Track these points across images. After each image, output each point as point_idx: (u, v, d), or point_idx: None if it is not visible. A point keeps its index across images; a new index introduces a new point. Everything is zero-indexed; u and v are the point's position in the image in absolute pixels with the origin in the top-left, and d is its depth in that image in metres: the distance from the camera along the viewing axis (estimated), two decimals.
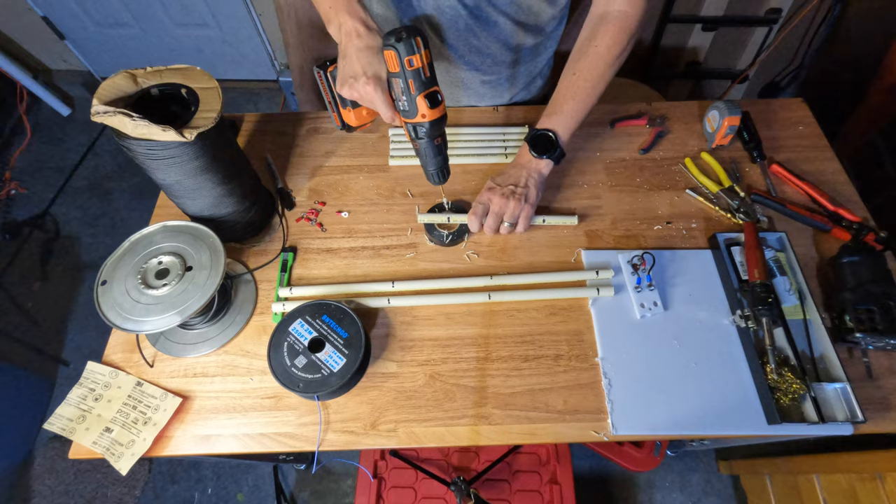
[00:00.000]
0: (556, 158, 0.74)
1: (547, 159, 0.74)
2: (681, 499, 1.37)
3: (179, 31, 2.05)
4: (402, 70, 0.56)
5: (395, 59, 0.56)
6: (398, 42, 0.54)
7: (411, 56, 0.55)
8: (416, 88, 0.58)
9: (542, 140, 0.74)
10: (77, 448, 0.62)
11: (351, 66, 0.60)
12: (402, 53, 0.55)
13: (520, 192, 0.72)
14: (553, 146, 0.73)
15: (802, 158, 0.85)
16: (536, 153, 0.74)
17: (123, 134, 0.58)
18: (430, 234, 0.78)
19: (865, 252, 0.70)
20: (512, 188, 0.73)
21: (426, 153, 0.65)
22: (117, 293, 0.62)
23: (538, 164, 0.74)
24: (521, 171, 0.74)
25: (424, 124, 0.61)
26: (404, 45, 0.55)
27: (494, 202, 0.73)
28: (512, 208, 0.72)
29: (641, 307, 0.70)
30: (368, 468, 1.13)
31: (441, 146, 0.65)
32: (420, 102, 0.59)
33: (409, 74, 0.57)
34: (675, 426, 0.63)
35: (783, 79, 1.81)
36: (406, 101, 0.59)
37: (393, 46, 0.55)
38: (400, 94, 0.59)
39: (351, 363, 0.63)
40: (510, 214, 0.72)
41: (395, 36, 0.55)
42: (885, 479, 0.83)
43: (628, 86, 1.59)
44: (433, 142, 0.64)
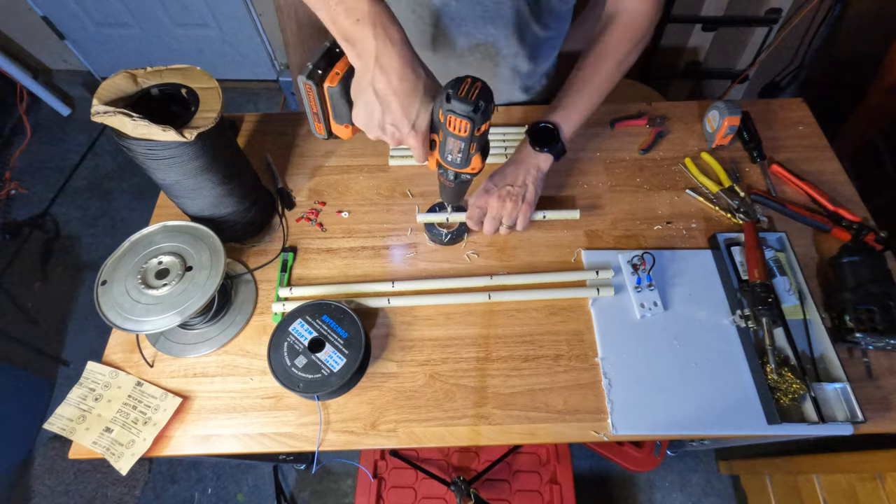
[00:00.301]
0: (556, 153, 0.72)
1: (547, 153, 0.72)
2: (681, 499, 1.37)
3: (179, 31, 2.05)
4: (469, 136, 0.51)
5: (466, 126, 0.50)
6: (475, 113, 0.48)
7: (485, 124, 0.51)
8: (477, 149, 0.54)
9: (543, 133, 0.72)
10: (77, 448, 0.62)
11: (390, 112, 0.51)
12: (478, 123, 0.50)
13: (516, 191, 0.71)
14: (553, 139, 0.71)
15: (802, 158, 0.85)
16: (537, 146, 0.72)
17: (123, 134, 0.58)
18: (429, 234, 0.78)
19: (865, 252, 0.70)
20: (509, 189, 0.71)
21: (454, 192, 0.64)
22: (117, 293, 0.62)
23: (537, 158, 0.72)
24: (519, 168, 0.72)
25: (471, 174, 0.58)
26: (481, 116, 0.49)
27: (491, 205, 0.71)
28: (509, 210, 0.71)
29: (641, 307, 0.70)
30: (368, 468, 1.13)
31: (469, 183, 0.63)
32: (475, 159, 0.56)
33: (476, 139, 0.52)
34: (675, 426, 0.63)
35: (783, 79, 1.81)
36: (460, 157, 0.55)
37: (468, 118, 0.49)
38: (455, 152, 0.54)
39: (351, 363, 0.63)
40: (508, 216, 0.71)
41: (471, 106, 0.48)
42: (885, 479, 0.83)
43: (628, 86, 1.59)
44: (468, 183, 0.62)
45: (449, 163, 0.57)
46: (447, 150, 0.55)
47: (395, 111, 0.50)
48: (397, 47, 0.47)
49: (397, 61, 0.47)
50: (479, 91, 0.48)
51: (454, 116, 0.49)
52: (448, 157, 0.56)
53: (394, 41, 0.47)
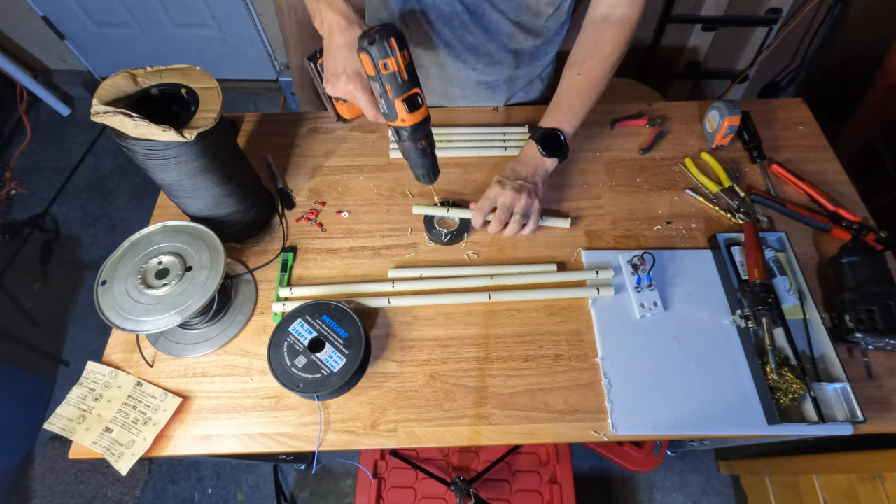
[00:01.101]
0: (562, 157, 0.75)
1: (554, 158, 0.75)
2: (681, 499, 1.37)
3: (179, 31, 2.05)
4: (377, 74, 0.54)
5: (370, 62, 0.53)
6: (370, 45, 0.52)
7: (385, 59, 0.52)
8: (394, 92, 0.55)
9: (552, 139, 0.75)
10: (77, 448, 0.62)
11: (334, 63, 0.59)
12: (376, 57, 0.52)
13: (529, 186, 0.73)
14: (562, 146, 0.75)
15: (802, 158, 0.85)
16: (546, 152, 0.74)
17: (123, 134, 0.58)
18: (428, 234, 0.78)
19: (865, 252, 0.70)
20: (521, 182, 0.73)
21: (410, 156, 0.64)
22: (117, 293, 0.62)
23: (545, 162, 0.75)
24: (528, 167, 0.74)
25: (406, 128, 0.59)
26: (377, 49, 0.52)
27: (505, 196, 0.71)
28: (524, 202, 0.71)
29: (641, 307, 0.70)
30: (368, 468, 1.13)
31: (426, 148, 0.63)
32: (399, 106, 0.57)
33: (385, 78, 0.54)
34: (675, 426, 0.63)
35: (783, 79, 1.82)
36: (385, 105, 0.57)
37: (365, 50, 0.52)
38: (379, 98, 0.57)
39: (351, 363, 0.63)
40: (522, 206, 0.71)
41: (367, 38, 0.52)
42: (885, 479, 0.83)
43: (628, 86, 1.59)
44: (417, 144, 0.62)
45: (384, 115, 0.60)
46: (378, 101, 0.59)
47: (336, 59, 0.59)
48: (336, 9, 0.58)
49: (335, 18, 0.58)
50: (378, 28, 0.53)
51: (361, 54, 0.54)
52: (381, 107, 0.59)
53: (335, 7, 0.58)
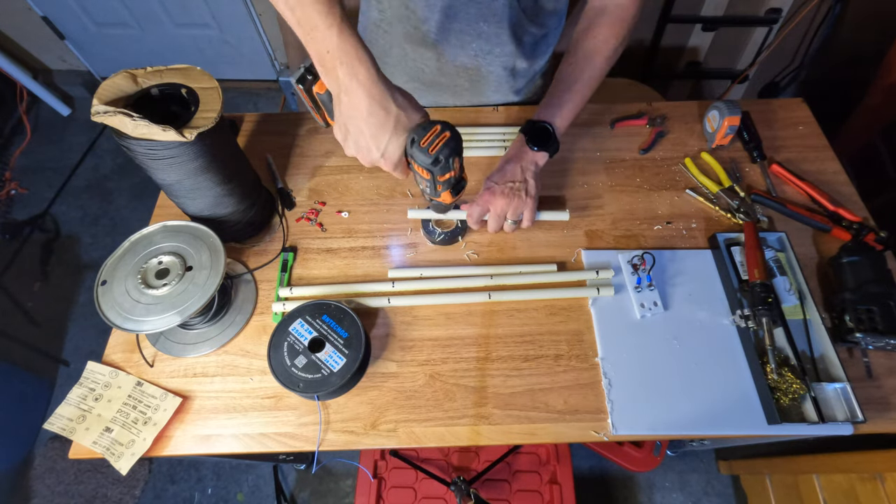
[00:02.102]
0: (551, 151, 0.73)
1: (543, 151, 0.73)
2: (681, 499, 1.37)
3: (179, 31, 2.06)
4: (432, 180, 0.54)
5: (427, 175, 0.53)
6: (434, 165, 0.51)
7: (447, 173, 0.53)
8: (444, 188, 0.57)
9: (540, 132, 0.73)
10: (77, 448, 0.62)
11: (362, 139, 0.53)
12: (437, 174, 0.53)
13: (518, 186, 0.71)
14: (550, 139, 0.72)
15: (802, 158, 0.85)
16: (534, 146, 0.72)
17: (123, 134, 0.58)
18: (424, 231, 0.78)
19: (865, 252, 0.70)
20: (511, 185, 0.71)
21: (436, 208, 0.67)
22: (117, 293, 0.62)
23: (535, 156, 0.73)
24: (517, 165, 0.72)
25: (443, 204, 0.62)
26: (441, 169, 0.52)
27: (496, 204, 0.70)
28: (515, 206, 0.70)
29: (641, 307, 0.70)
30: (368, 468, 1.13)
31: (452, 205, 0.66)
32: (445, 195, 0.59)
33: (440, 183, 0.55)
34: (675, 426, 0.63)
35: (783, 79, 1.82)
36: (429, 190, 0.58)
37: (428, 169, 0.52)
38: (423, 185, 0.58)
39: (351, 363, 0.63)
40: (514, 212, 0.71)
41: (430, 159, 0.51)
42: (885, 479, 0.83)
43: (628, 86, 1.59)
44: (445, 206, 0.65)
45: (421, 189, 0.60)
46: (418, 181, 0.57)
47: (366, 139, 0.52)
48: (364, 86, 0.48)
49: (364, 99, 0.49)
50: (441, 144, 0.50)
51: (415, 162, 0.52)
52: (420, 185, 0.58)
53: (360, 80, 0.48)
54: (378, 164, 0.55)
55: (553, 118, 0.73)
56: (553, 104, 0.74)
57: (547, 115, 0.73)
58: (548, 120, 0.73)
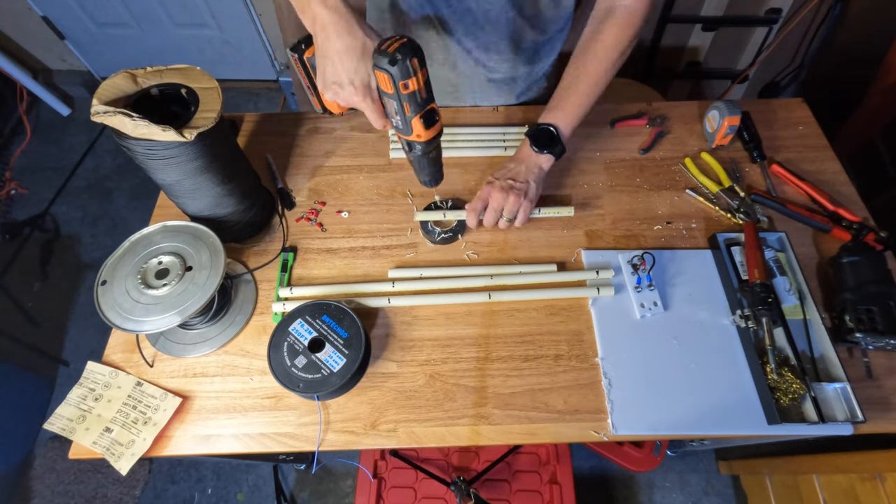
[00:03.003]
0: (556, 153, 0.73)
1: (547, 154, 0.73)
2: (681, 499, 1.37)
3: (179, 31, 2.05)
4: (396, 93, 0.51)
5: (388, 81, 0.50)
6: (392, 65, 0.49)
7: (407, 80, 0.50)
8: (412, 111, 0.54)
9: (544, 135, 0.73)
10: (77, 448, 0.62)
11: (333, 70, 0.54)
12: (397, 77, 0.50)
13: (519, 186, 0.72)
14: (554, 141, 0.73)
15: (802, 158, 0.85)
16: (537, 148, 0.73)
17: (123, 134, 0.58)
18: (423, 231, 0.78)
19: (865, 252, 0.70)
20: (511, 182, 0.72)
21: (419, 165, 0.64)
22: (117, 293, 0.62)
23: (538, 158, 0.73)
24: (521, 165, 0.73)
25: (420, 143, 0.58)
26: (399, 69, 0.49)
27: (494, 197, 0.72)
28: (511, 203, 0.71)
29: (641, 307, 0.70)
30: (368, 468, 1.13)
31: (435, 158, 0.63)
32: (415, 123, 0.55)
33: (405, 98, 0.52)
34: (675, 426, 0.63)
35: (783, 79, 1.82)
36: (400, 120, 0.55)
37: (385, 69, 0.49)
38: (393, 113, 0.55)
39: (351, 363, 0.63)
40: (509, 209, 0.72)
41: (387, 57, 0.49)
42: (885, 479, 0.83)
43: (628, 86, 1.59)
44: (428, 155, 0.61)
45: (396, 128, 0.58)
46: (389, 114, 0.56)
47: (336, 67, 0.54)
48: (331, 10, 0.52)
49: (332, 23, 0.53)
50: (399, 45, 0.49)
51: (378, 71, 0.51)
52: (392, 121, 0.57)
53: (329, 7, 0.52)
54: (351, 98, 0.55)
55: (558, 121, 0.73)
56: (559, 107, 0.74)
57: (552, 118, 0.73)
58: (552, 123, 0.73)
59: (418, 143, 0.58)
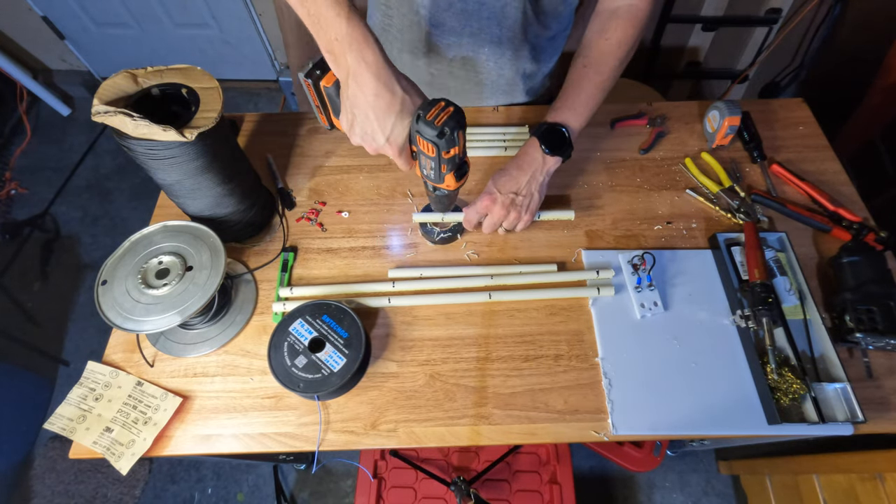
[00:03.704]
0: (566, 156, 0.71)
1: (557, 157, 0.70)
2: (681, 499, 1.37)
3: (179, 31, 2.06)
4: (437, 157, 0.53)
5: (433, 149, 0.52)
6: (440, 138, 0.50)
7: (451, 149, 0.52)
8: (448, 169, 0.56)
9: (555, 136, 0.70)
10: (77, 448, 0.62)
11: (368, 124, 0.54)
12: (442, 148, 0.52)
13: (520, 200, 0.69)
14: (566, 143, 0.70)
15: (802, 158, 0.85)
16: (548, 149, 0.69)
17: (124, 134, 0.58)
18: (422, 231, 0.78)
19: (865, 252, 0.70)
20: (513, 196, 0.69)
21: (437, 201, 0.66)
22: (117, 293, 0.62)
23: (547, 162, 0.70)
24: (525, 174, 0.70)
25: (447, 191, 0.61)
26: (446, 141, 0.51)
27: (494, 212, 0.69)
28: (512, 219, 0.70)
29: (642, 307, 0.70)
30: (368, 468, 1.13)
31: (455, 198, 0.65)
32: (448, 178, 0.58)
33: (445, 161, 0.54)
34: (675, 426, 0.63)
35: (783, 79, 1.82)
36: (433, 174, 0.58)
37: (432, 141, 0.51)
38: (428, 168, 0.57)
39: (351, 363, 0.63)
40: (509, 224, 0.71)
41: (435, 131, 0.50)
42: (885, 479, 0.83)
43: (628, 86, 1.59)
44: (449, 197, 0.64)
45: (425, 176, 0.59)
46: (422, 165, 0.58)
47: (372, 123, 0.53)
48: (372, 69, 0.50)
49: (372, 81, 0.50)
50: (447, 117, 0.50)
51: (421, 137, 0.52)
52: (424, 171, 0.58)
53: (368, 62, 0.49)
54: (383, 150, 0.56)
55: (568, 121, 0.70)
56: (567, 106, 0.71)
57: (562, 118, 0.71)
58: (563, 123, 0.70)
59: (446, 191, 0.61)
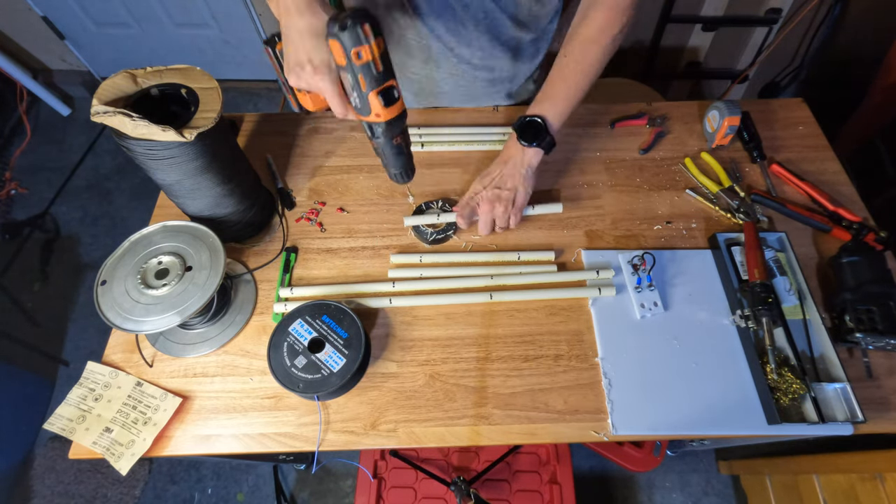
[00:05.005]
0: (545, 146, 0.71)
1: (536, 147, 0.70)
2: (681, 499, 1.37)
3: (179, 31, 2.05)
4: (349, 63, 0.48)
5: (341, 50, 0.47)
6: (342, 31, 0.46)
7: (359, 48, 0.47)
8: (368, 85, 0.50)
9: (531, 127, 0.71)
10: (77, 448, 0.63)
11: (295, 51, 0.52)
12: (348, 45, 0.47)
13: (505, 195, 0.71)
14: (542, 133, 0.70)
15: (802, 158, 0.85)
16: (525, 141, 0.70)
17: (123, 134, 0.58)
18: (415, 232, 0.79)
19: (865, 252, 0.70)
20: (497, 192, 0.71)
21: (385, 153, 0.59)
22: (117, 293, 0.62)
23: (526, 154, 0.71)
24: (507, 168, 0.71)
25: (380, 124, 0.54)
26: (349, 35, 0.46)
27: (482, 209, 0.71)
28: (500, 214, 0.71)
29: (641, 307, 0.70)
30: (368, 468, 1.13)
31: (401, 146, 0.59)
32: (373, 100, 0.51)
33: (358, 69, 0.49)
34: (675, 426, 0.63)
35: (783, 79, 1.81)
36: (357, 98, 0.52)
37: (335, 36, 0.47)
38: (351, 90, 0.52)
39: (351, 363, 0.63)
40: (500, 219, 0.72)
41: (338, 23, 0.46)
42: (885, 479, 0.83)
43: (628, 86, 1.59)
44: (392, 141, 0.57)
45: (356, 109, 0.54)
46: (347, 92, 0.53)
47: (297, 47, 0.52)
48: None
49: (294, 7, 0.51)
50: (350, 12, 0.47)
51: (331, 40, 0.48)
52: (352, 100, 0.53)
53: None
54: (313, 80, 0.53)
55: (545, 111, 0.71)
56: (546, 97, 0.72)
57: (539, 109, 0.71)
58: (540, 113, 0.71)
59: (378, 126, 0.55)
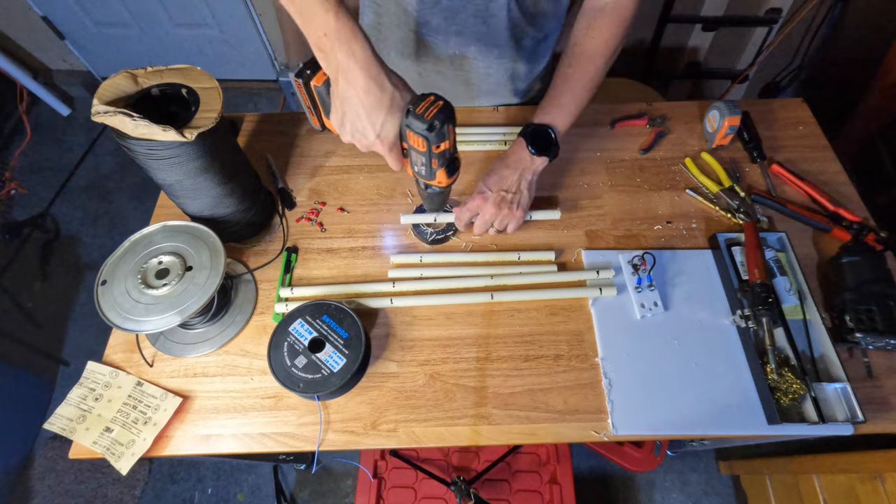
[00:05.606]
0: (552, 156, 0.72)
1: (544, 157, 0.71)
2: (681, 499, 1.37)
3: (179, 31, 2.05)
4: (427, 152, 0.53)
5: (423, 143, 0.52)
6: (429, 132, 0.50)
7: (441, 143, 0.52)
8: (439, 164, 0.56)
9: (542, 136, 0.71)
10: (77, 448, 0.63)
11: (359, 121, 0.53)
12: (433, 141, 0.51)
13: (511, 198, 0.71)
14: (551, 143, 0.71)
15: (802, 158, 0.85)
16: (535, 150, 0.71)
17: (124, 134, 0.58)
18: (414, 231, 0.79)
19: (865, 252, 0.70)
20: (503, 194, 0.71)
21: (429, 199, 0.65)
22: (117, 293, 0.62)
23: (534, 162, 0.71)
24: (514, 172, 0.71)
25: (438, 188, 0.60)
26: (436, 135, 0.51)
27: (486, 210, 0.71)
28: (503, 217, 0.71)
29: (642, 307, 0.70)
30: (368, 468, 1.13)
31: (447, 196, 0.64)
32: (439, 173, 0.57)
33: (435, 156, 0.54)
34: (675, 426, 0.63)
35: (783, 79, 1.82)
36: (424, 170, 0.57)
37: (422, 135, 0.51)
38: (419, 164, 0.56)
39: (351, 363, 0.63)
40: (500, 222, 0.72)
41: (425, 125, 0.50)
42: (885, 479, 0.83)
43: (628, 86, 1.59)
44: (441, 194, 0.63)
45: (416, 173, 0.59)
46: (413, 161, 0.57)
47: (362, 120, 0.53)
48: (361, 64, 0.50)
49: (361, 77, 0.50)
50: (437, 110, 0.50)
51: (411, 132, 0.52)
52: (415, 167, 0.58)
53: (357, 58, 0.49)
54: (374, 147, 0.56)
55: (555, 121, 0.72)
56: (554, 105, 0.72)
57: (548, 118, 0.72)
58: (549, 123, 0.72)
59: (438, 188, 0.60)
